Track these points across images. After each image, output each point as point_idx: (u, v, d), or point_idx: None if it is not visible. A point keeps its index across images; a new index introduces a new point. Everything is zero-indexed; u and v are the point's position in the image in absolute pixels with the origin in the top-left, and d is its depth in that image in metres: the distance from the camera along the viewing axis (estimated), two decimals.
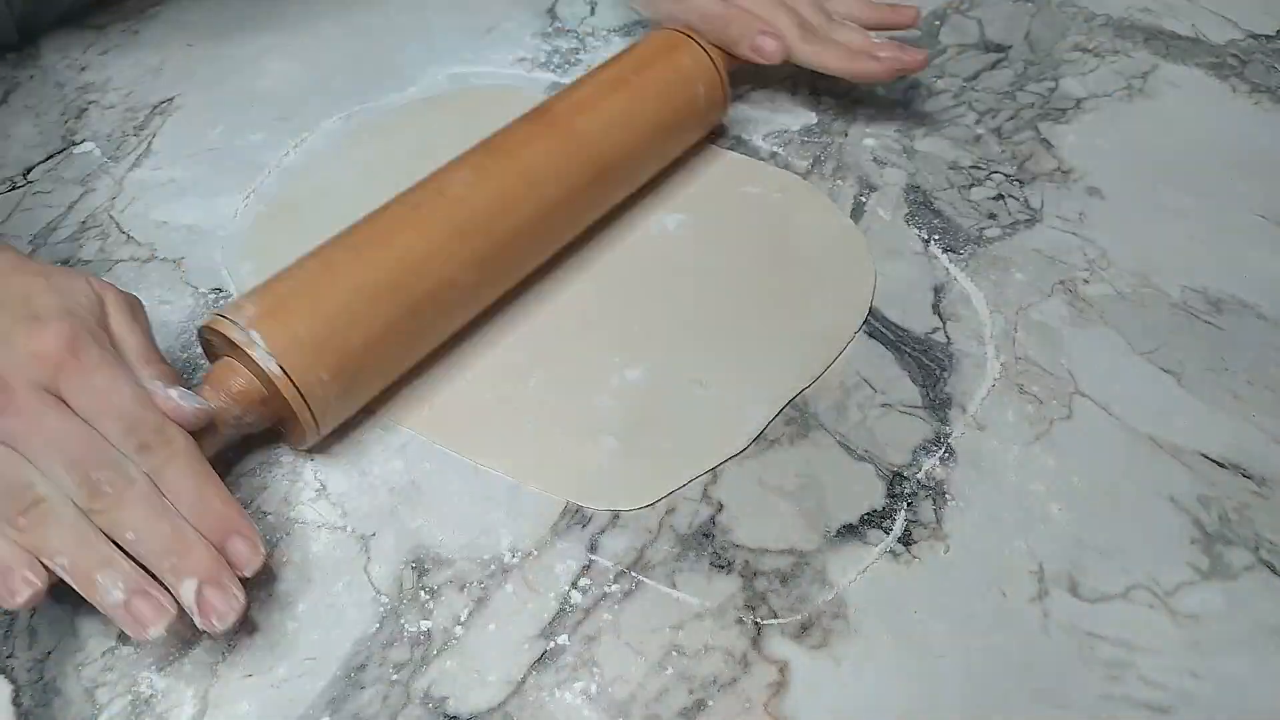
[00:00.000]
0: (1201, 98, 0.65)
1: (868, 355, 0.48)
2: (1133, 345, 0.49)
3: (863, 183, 0.57)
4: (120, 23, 0.66)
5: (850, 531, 0.42)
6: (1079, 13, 0.72)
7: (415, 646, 0.38)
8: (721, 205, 0.55)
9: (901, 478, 0.44)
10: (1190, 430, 0.46)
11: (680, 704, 0.36)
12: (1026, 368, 0.48)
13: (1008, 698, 0.37)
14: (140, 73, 0.62)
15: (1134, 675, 0.38)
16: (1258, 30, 0.70)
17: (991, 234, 0.55)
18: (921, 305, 0.51)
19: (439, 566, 0.40)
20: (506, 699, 0.36)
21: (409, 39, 0.66)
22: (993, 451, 0.45)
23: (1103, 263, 0.53)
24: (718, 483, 0.43)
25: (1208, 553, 0.42)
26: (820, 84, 0.64)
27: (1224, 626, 0.39)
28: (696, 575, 0.40)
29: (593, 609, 0.39)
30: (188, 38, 0.65)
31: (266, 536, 0.40)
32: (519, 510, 0.42)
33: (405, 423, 0.45)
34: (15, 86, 0.61)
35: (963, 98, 0.64)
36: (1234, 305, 0.51)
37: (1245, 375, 0.48)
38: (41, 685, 0.36)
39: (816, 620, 0.39)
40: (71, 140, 0.57)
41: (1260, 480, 0.44)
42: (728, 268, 0.52)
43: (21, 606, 0.33)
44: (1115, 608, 0.40)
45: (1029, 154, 0.60)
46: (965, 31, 0.70)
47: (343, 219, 0.45)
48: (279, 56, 0.64)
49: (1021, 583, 0.40)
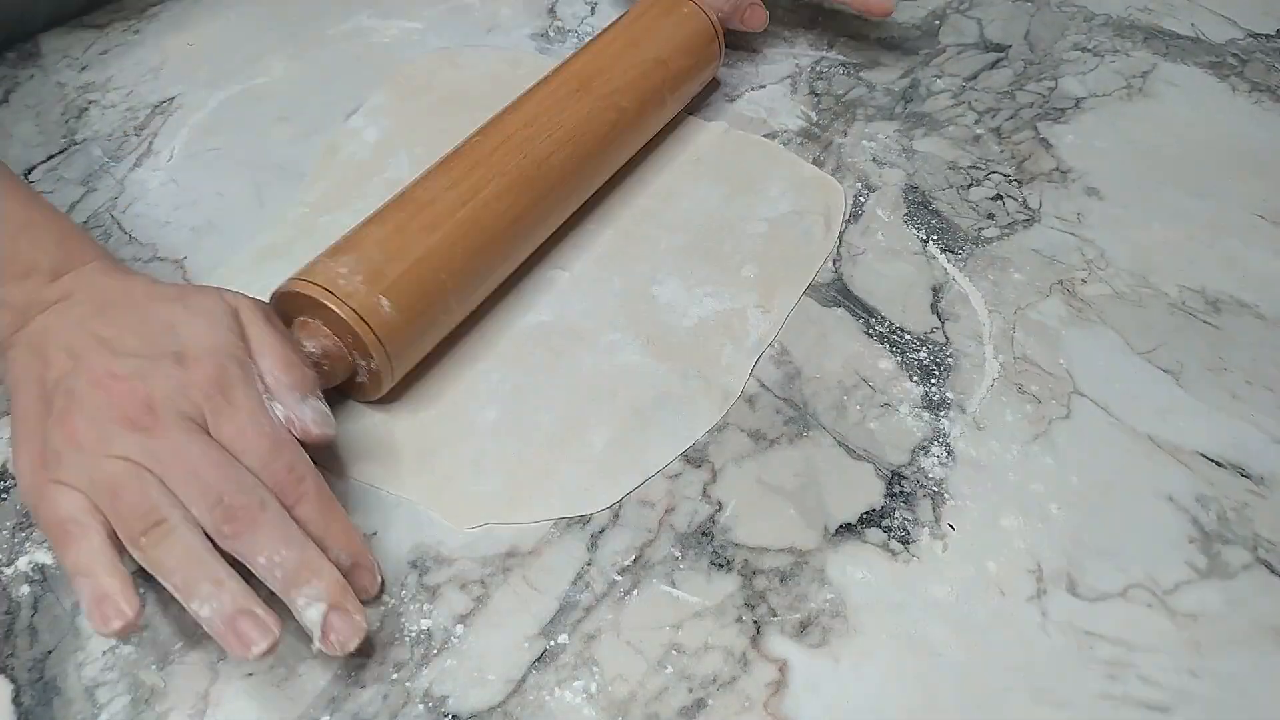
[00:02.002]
0: (1201, 97, 0.65)
1: (867, 355, 0.48)
2: (1131, 345, 0.49)
3: (862, 183, 0.57)
4: (121, 22, 0.66)
5: (849, 531, 0.42)
6: (1078, 12, 0.72)
7: (415, 645, 0.38)
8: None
9: (901, 477, 0.44)
10: (1189, 430, 0.46)
11: (680, 703, 0.37)
12: (1025, 367, 0.48)
13: (1006, 696, 0.37)
14: (141, 72, 0.62)
15: (1133, 674, 0.38)
16: (1257, 30, 0.70)
17: (990, 234, 0.55)
18: (920, 305, 0.51)
19: (439, 565, 0.40)
20: (506, 698, 0.36)
21: (409, 39, 0.66)
22: (991, 451, 0.45)
23: (1101, 263, 0.53)
24: (717, 482, 0.43)
25: (1206, 552, 0.42)
26: (820, 84, 0.64)
27: (1222, 625, 0.40)
28: (696, 574, 0.40)
29: (593, 608, 0.39)
30: (188, 38, 0.65)
31: None
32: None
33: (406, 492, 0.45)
34: (16, 86, 0.61)
35: (962, 97, 0.64)
36: (1232, 305, 0.52)
37: (1243, 375, 0.48)
38: (42, 684, 0.36)
39: (816, 619, 0.39)
40: (73, 140, 0.57)
41: (1258, 479, 0.44)
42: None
43: (115, 634, 0.33)
44: (1114, 607, 0.40)
45: (1028, 154, 0.60)
46: (964, 31, 0.70)
47: (343, 215, 0.45)
48: (279, 56, 0.64)
49: (1020, 582, 0.40)
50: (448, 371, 0.47)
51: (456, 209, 0.46)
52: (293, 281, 0.42)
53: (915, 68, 0.66)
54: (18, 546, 0.40)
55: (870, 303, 0.51)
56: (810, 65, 0.66)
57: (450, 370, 0.47)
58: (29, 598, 0.38)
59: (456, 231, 0.45)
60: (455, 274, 0.45)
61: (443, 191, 0.46)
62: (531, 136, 0.49)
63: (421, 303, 0.43)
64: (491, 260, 0.47)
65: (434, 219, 0.45)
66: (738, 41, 0.66)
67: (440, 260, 0.44)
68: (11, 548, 0.40)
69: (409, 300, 0.43)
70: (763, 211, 0.55)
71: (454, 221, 0.45)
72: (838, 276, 0.52)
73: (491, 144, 0.49)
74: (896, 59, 0.67)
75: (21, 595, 0.38)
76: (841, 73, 0.65)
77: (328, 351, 0.41)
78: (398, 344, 0.43)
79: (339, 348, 0.42)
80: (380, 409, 0.45)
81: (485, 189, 0.47)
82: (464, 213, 0.46)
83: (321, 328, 0.42)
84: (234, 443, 0.36)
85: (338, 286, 0.41)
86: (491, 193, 0.47)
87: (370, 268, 0.42)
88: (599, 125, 0.52)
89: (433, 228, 0.45)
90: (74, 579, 0.34)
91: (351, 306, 0.41)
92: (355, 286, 0.42)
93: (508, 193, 0.47)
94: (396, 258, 0.43)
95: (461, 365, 0.47)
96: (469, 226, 0.46)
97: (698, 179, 0.57)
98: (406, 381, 0.46)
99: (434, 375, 0.46)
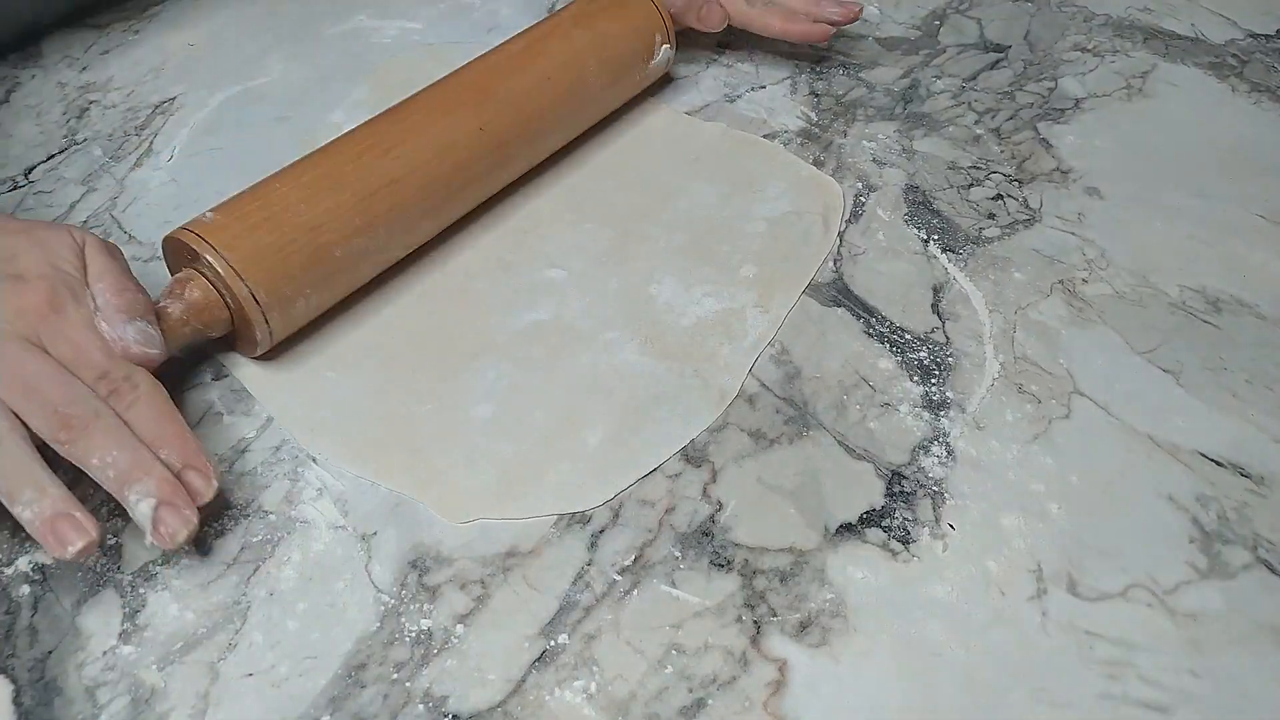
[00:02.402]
0: (1201, 97, 0.65)
1: (867, 355, 0.48)
2: (1131, 345, 0.49)
3: (863, 183, 0.57)
4: (121, 22, 0.66)
5: (850, 530, 0.42)
6: (1078, 12, 0.72)
7: (416, 645, 0.38)
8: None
9: (901, 477, 0.44)
10: (1189, 429, 0.46)
11: (680, 702, 0.37)
12: (1025, 367, 0.48)
13: (1006, 696, 0.37)
14: (141, 72, 0.62)
15: (1132, 674, 0.38)
16: (1257, 30, 0.70)
17: (990, 234, 0.55)
18: (921, 305, 0.51)
19: (439, 565, 0.40)
20: (507, 698, 0.36)
21: (409, 39, 0.66)
22: (992, 451, 0.45)
23: (1101, 262, 0.53)
24: (717, 482, 0.43)
25: (1206, 552, 0.42)
26: (819, 84, 0.64)
27: (1223, 625, 0.40)
28: (696, 574, 0.40)
29: (593, 608, 0.39)
30: (188, 38, 0.65)
31: (267, 536, 0.40)
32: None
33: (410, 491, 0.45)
34: (16, 86, 0.61)
35: (962, 98, 0.64)
36: (1232, 304, 0.52)
37: (1244, 374, 0.48)
38: (42, 684, 0.36)
39: (816, 619, 0.39)
40: (73, 140, 0.57)
41: (1259, 479, 0.44)
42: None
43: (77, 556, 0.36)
44: (1114, 607, 0.40)
45: (1028, 154, 0.60)
46: (964, 31, 0.70)
47: None
48: (279, 56, 0.64)
49: (1020, 582, 0.40)
50: (444, 368, 0.47)
51: (358, 171, 0.47)
52: (176, 230, 0.44)
53: (915, 68, 0.66)
54: (17, 547, 0.40)
55: (871, 302, 0.51)
56: (810, 66, 0.66)
57: (446, 366, 0.47)
58: (29, 598, 0.38)
59: (348, 195, 0.46)
60: (348, 235, 0.46)
61: (352, 157, 0.47)
62: (446, 109, 0.51)
63: (305, 259, 0.44)
64: (392, 227, 0.48)
65: (331, 179, 0.46)
66: (737, 42, 0.67)
67: (334, 221, 0.45)
68: (11, 548, 0.40)
69: (291, 256, 0.44)
70: (761, 211, 0.55)
71: (350, 185, 0.46)
72: (838, 276, 0.52)
73: (403, 115, 0.50)
74: (896, 59, 0.67)
75: (21, 595, 0.38)
76: (841, 73, 0.65)
77: (206, 299, 0.43)
78: (274, 297, 0.44)
79: (214, 295, 0.43)
80: (375, 404, 0.45)
81: (392, 155, 0.48)
82: (358, 176, 0.47)
83: (199, 275, 0.44)
84: (67, 357, 0.39)
85: (217, 238, 0.43)
86: (398, 159, 0.48)
87: (249, 224, 0.44)
88: (525, 101, 0.53)
89: (323, 188, 0.46)
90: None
91: (225, 257, 0.43)
92: (235, 240, 0.43)
93: (415, 162, 0.48)
94: (283, 214, 0.45)
95: (458, 362, 0.47)
96: (366, 192, 0.47)
97: (696, 179, 0.57)
98: (403, 379, 0.46)
99: (430, 371, 0.47)
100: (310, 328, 0.48)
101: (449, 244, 0.52)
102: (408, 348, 0.48)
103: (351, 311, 0.49)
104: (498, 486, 0.43)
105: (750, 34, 0.64)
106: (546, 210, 0.55)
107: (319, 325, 0.48)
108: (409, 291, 0.50)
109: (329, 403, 0.45)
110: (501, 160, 0.52)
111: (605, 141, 0.59)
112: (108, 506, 0.41)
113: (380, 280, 0.50)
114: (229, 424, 0.44)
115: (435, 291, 0.50)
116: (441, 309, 0.49)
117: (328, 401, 0.45)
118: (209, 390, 0.45)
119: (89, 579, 0.39)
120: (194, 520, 0.37)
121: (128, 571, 0.39)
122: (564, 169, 0.57)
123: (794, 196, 0.56)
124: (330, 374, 0.46)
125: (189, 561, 0.40)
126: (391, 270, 0.50)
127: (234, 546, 0.40)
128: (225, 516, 0.41)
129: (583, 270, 0.52)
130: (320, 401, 0.45)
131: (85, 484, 0.39)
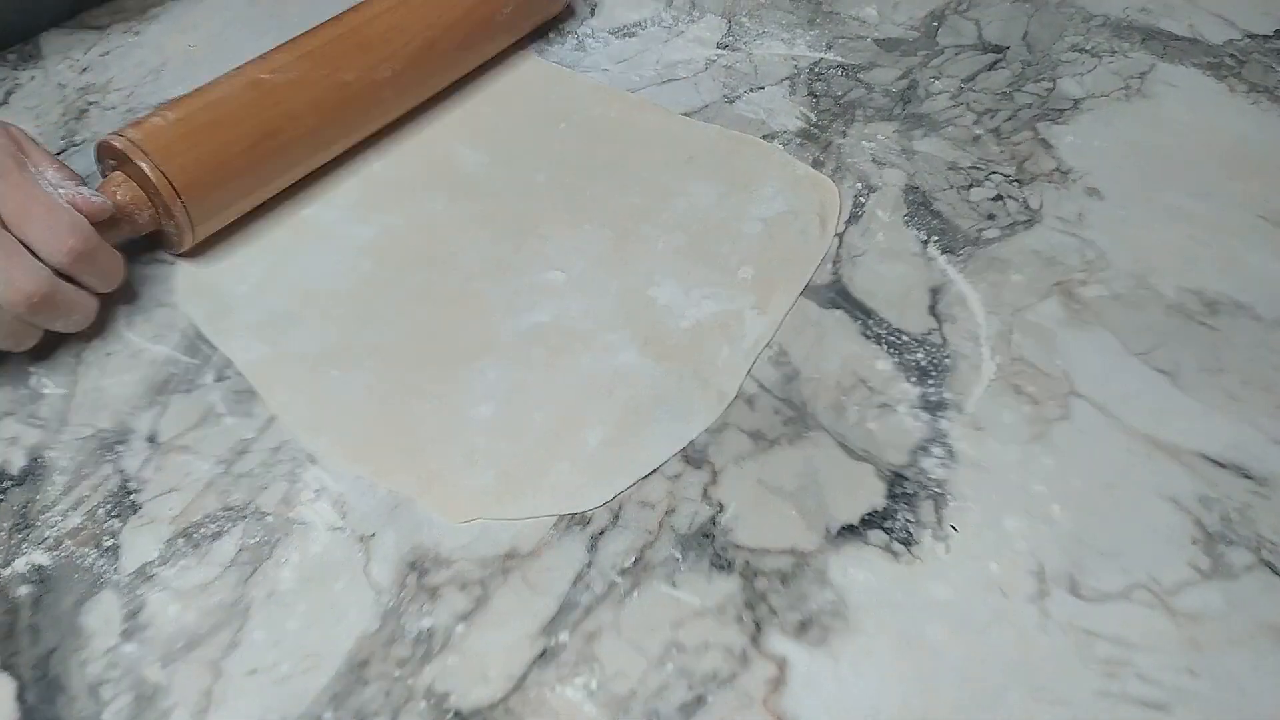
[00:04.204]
0: (1199, 98, 0.65)
1: (864, 356, 0.48)
2: (1128, 346, 0.49)
3: (862, 183, 0.57)
4: (121, 23, 0.66)
5: (851, 532, 0.42)
6: (1077, 13, 0.72)
7: (417, 644, 0.38)
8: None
9: (902, 478, 0.44)
10: (1187, 430, 0.46)
11: (680, 700, 0.37)
12: (1022, 368, 0.48)
13: (1006, 695, 0.37)
14: (141, 74, 0.62)
15: (1131, 673, 0.38)
16: (1255, 30, 0.70)
17: (990, 235, 0.55)
18: (918, 306, 0.51)
19: (439, 567, 0.40)
20: (508, 694, 0.37)
21: None
22: (992, 452, 0.45)
23: (1101, 264, 0.53)
24: (718, 483, 0.43)
25: (1209, 553, 0.42)
26: (818, 85, 0.64)
27: (1223, 625, 0.40)
28: (697, 575, 0.40)
29: (593, 608, 0.39)
30: (188, 38, 0.65)
31: (266, 538, 0.41)
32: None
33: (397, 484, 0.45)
34: (16, 87, 0.61)
35: (961, 98, 0.64)
36: (1229, 306, 0.52)
37: (1240, 376, 0.48)
38: (45, 682, 0.36)
39: (816, 618, 0.39)
40: (72, 141, 0.57)
41: (1260, 480, 0.44)
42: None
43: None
44: (1116, 607, 0.40)
45: (1028, 154, 0.60)
46: (963, 32, 0.70)
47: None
48: None
49: (1022, 583, 0.41)
50: (444, 368, 0.47)
51: (272, 81, 0.52)
52: (107, 135, 0.48)
53: (914, 69, 0.66)
54: (15, 548, 0.40)
55: (869, 304, 0.51)
56: (809, 66, 0.66)
57: (447, 367, 0.47)
58: (28, 598, 0.38)
59: (267, 99, 0.51)
60: (263, 135, 0.50)
61: (273, 69, 0.53)
62: (357, 29, 0.56)
63: (220, 155, 0.49)
64: (307, 123, 0.53)
65: (251, 87, 0.51)
66: (736, 43, 0.67)
67: (249, 123, 0.50)
68: (9, 549, 0.40)
69: (206, 153, 0.49)
70: (758, 211, 0.55)
71: (268, 90, 0.52)
72: (837, 278, 0.52)
73: (322, 35, 0.55)
74: (895, 60, 0.67)
75: (21, 596, 0.38)
76: (840, 74, 0.65)
77: (132, 198, 0.47)
78: (193, 193, 0.48)
79: (139, 193, 0.48)
80: (376, 403, 0.45)
81: (308, 68, 0.53)
82: (280, 86, 0.52)
83: (124, 176, 0.48)
84: (13, 218, 0.43)
85: (139, 138, 0.47)
86: (313, 68, 0.53)
87: (169, 124, 0.48)
88: (417, 24, 0.57)
89: (238, 93, 0.51)
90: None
91: (145, 151, 0.47)
92: (157, 139, 0.48)
93: (323, 72, 0.54)
94: (200, 116, 0.49)
95: (458, 362, 0.47)
96: (282, 98, 0.52)
97: (693, 179, 0.57)
98: (404, 379, 0.46)
99: (430, 370, 0.47)
100: (311, 328, 0.48)
101: (449, 242, 0.52)
102: (409, 348, 0.48)
103: (353, 311, 0.49)
104: (498, 487, 0.43)
105: (750, 34, 0.63)
106: (546, 210, 0.55)
107: (320, 324, 0.48)
108: (410, 293, 0.50)
109: (330, 401, 0.45)
110: (387, 87, 0.57)
111: (604, 142, 0.59)
112: (107, 507, 0.41)
113: (380, 280, 0.50)
114: (229, 425, 0.44)
115: (436, 293, 0.50)
116: (442, 310, 0.50)
117: (329, 400, 0.45)
118: (210, 392, 0.45)
119: (87, 580, 0.39)
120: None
121: (125, 573, 0.39)
122: (562, 173, 0.57)
123: (789, 196, 0.56)
124: (334, 372, 0.46)
125: (187, 563, 0.40)
126: (391, 270, 0.51)
127: (231, 548, 0.40)
128: (223, 518, 0.41)
129: (582, 272, 0.52)
130: (322, 400, 0.45)
131: (86, 484, 0.39)
